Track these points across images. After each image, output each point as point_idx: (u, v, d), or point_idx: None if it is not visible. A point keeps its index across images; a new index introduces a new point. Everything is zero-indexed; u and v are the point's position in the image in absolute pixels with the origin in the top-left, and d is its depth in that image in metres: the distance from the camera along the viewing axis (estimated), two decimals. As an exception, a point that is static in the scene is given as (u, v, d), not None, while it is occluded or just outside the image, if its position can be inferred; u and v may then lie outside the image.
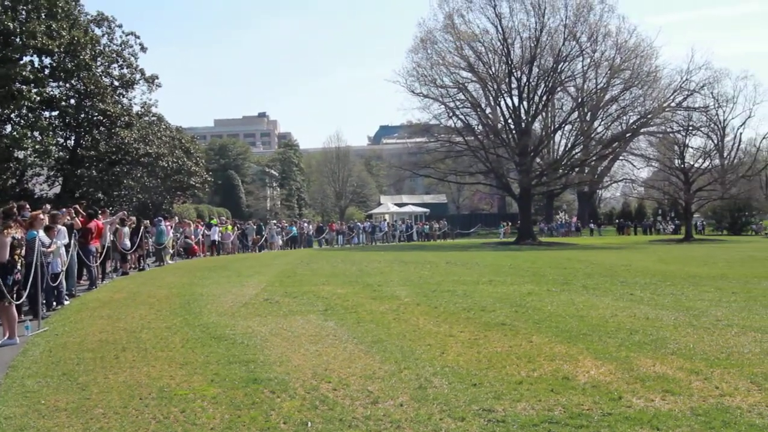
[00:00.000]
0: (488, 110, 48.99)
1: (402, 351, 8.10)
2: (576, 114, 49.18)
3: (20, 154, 33.30)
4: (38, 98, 33.16)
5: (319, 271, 20.95)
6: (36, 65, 34.35)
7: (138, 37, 40.56)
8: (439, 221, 57.70)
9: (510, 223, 60.67)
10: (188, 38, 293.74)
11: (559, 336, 8.95)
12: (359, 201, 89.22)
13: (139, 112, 41.33)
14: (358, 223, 52.77)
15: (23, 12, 32.82)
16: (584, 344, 8.37)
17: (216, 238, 33.19)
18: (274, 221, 49.18)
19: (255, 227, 39.71)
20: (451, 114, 48.96)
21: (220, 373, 7.13)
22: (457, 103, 48.79)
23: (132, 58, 40.41)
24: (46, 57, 34.60)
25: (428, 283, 16.31)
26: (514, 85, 46.82)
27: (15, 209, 10.46)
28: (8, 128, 33.26)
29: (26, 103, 32.59)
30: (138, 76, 40.86)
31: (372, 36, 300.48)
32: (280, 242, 40.39)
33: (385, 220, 60.88)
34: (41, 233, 11.73)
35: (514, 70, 46.29)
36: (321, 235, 45.50)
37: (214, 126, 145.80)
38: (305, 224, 47.36)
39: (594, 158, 49.67)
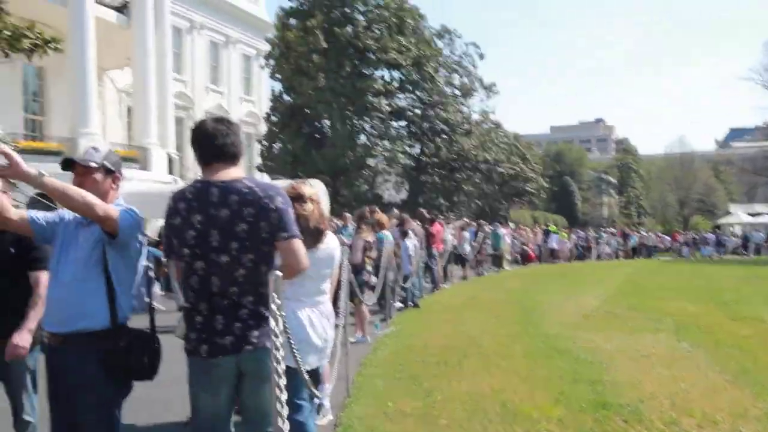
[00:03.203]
0: None
1: (778, 386, 6.91)
2: None
3: (372, 162, 36.23)
4: (388, 109, 35.74)
5: (664, 284, 19.47)
6: (386, 79, 37.13)
7: (477, 47, 41.78)
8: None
9: None
10: (524, 44, 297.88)
11: None
12: (705, 210, 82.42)
13: (478, 120, 42.46)
14: (705, 234, 48.70)
15: (377, 30, 35.56)
16: None
17: (554, 245, 32.76)
18: (611, 230, 47.39)
19: (596, 235, 38.60)
20: (820, 111, 43.06)
21: (565, 391, 6.65)
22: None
23: (471, 67, 41.77)
24: (395, 71, 37.22)
25: (798, 305, 14.16)
26: None
27: (367, 213, 11.02)
28: (362, 138, 36.27)
29: (378, 114, 35.34)
30: (477, 85, 42.08)
31: (718, 34, 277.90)
32: (608, 250, 38.63)
33: (735, 230, 55.42)
34: (389, 235, 12.26)
35: None
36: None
37: (550, 132, 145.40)
38: (643, 233, 44.99)
39: None
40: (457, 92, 41.26)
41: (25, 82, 26.90)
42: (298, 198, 4.32)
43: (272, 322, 3.00)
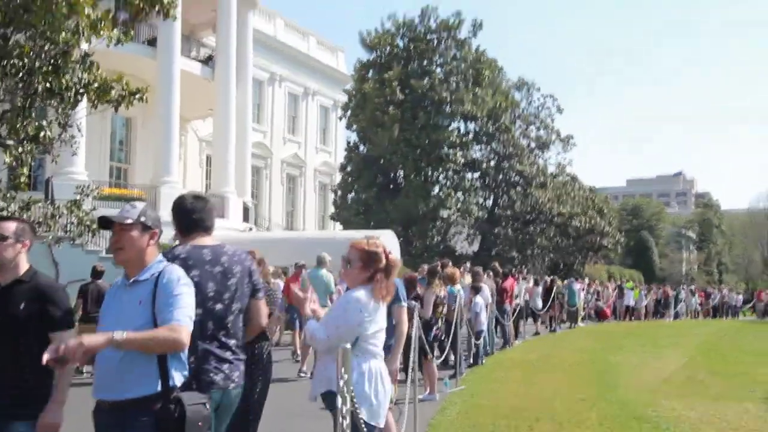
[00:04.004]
0: None
1: None
2: None
3: (444, 213, 36.13)
4: (462, 161, 35.76)
5: (746, 347, 18.62)
6: (461, 130, 37.22)
7: (555, 99, 41.69)
8: None
9: None
10: (603, 97, 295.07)
11: None
12: (792, 268, 78.95)
13: (554, 173, 42.02)
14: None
15: (453, 83, 35.82)
16: None
17: (630, 302, 31.79)
18: (691, 287, 45.76)
19: (674, 292, 37.28)
20: None
21: (644, 463, 6.36)
22: None
23: (548, 120, 41.60)
24: (470, 122, 37.32)
25: None
26: None
27: (439, 267, 10.93)
28: (436, 189, 36.28)
29: (452, 166, 35.38)
30: (553, 137, 41.80)
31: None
32: (687, 308, 37.09)
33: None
34: (461, 290, 12.11)
35: None
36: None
37: (627, 186, 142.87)
38: (726, 292, 43.25)
39: None
40: (533, 144, 41.09)
41: (113, 132, 28.07)
42: (381, 250, 4.36)
43: (342, 383, 3.04)
